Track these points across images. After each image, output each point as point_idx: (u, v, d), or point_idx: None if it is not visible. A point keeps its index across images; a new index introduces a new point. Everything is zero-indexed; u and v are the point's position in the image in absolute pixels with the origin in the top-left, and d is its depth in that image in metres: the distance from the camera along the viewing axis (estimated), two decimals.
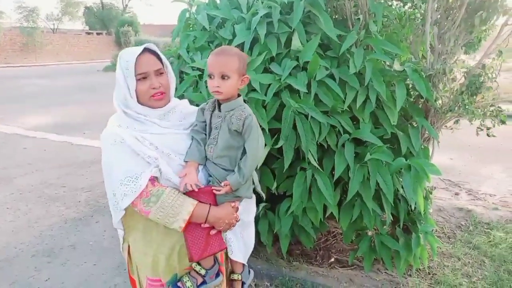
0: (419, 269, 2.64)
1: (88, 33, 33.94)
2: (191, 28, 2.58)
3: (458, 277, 2.58)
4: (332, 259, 2.79)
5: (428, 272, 2.62)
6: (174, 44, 2.65)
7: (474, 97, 2.27)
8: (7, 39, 25.24)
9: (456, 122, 2.40)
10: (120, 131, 1.27)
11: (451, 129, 2.47)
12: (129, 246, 1.44)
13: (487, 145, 5.47)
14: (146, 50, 1.31)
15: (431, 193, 2.68)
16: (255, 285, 2.46)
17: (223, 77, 1.27)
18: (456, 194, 4.12)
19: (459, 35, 2.14)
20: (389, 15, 2.16)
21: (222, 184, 1.31)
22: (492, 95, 2.35)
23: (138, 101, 1.32)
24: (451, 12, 2.10)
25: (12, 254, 2.88)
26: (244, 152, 1.34)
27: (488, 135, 2.41)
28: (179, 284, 1.35)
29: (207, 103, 1.40)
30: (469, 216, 3.48)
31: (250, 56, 2.06)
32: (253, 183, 1.47)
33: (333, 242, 3.02)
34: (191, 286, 1.33)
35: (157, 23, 40.47)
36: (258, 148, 1.34)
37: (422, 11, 2.14)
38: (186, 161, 1.34)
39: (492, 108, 2.36)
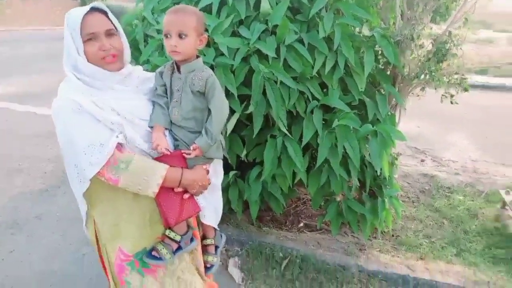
0: (384, 231, 2.76)
1: None
2: None
3: (420, 238, 2.72)
4: (301, 224, 2.87)
5: (392, 235, 2.75)
6: (138, 7, 2.51)
7: (440, 64, 2.31)
8: None
9: (423, 89, 2.44)
10: (76, 98, 1.18)
11: (418, 96, 2.51)
12: (94, 222, 1.37)
13: (453, 114, 5.65)
14: (94, 9, 1.23)
15: (396, 159, 2.75)
16: (226, 250, 2.50)
17: (180, 35, 1.23)
18: (422, 160, 4.27)
19: (428, 1, 2.13)
20: None
21: (191, 147, 1.29)
22: (457, 63, 2.40)
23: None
24: None
25: None
26: (209, 113, 1.32)
27: (451, 102, 2.47)
28: (153, 253, 1.33)
29: (164, 66, 1.35)
30: (432, 181, 3.64)
31: (218, 19, 1.99)
32: (221, 144, 1.45)
33: (303, 208, 3.09)
34: (167, 253, 1.32)
35: None
36: (223, 107, 1.33)
37: None
38: (151, 127, 1.30)
39: (456, 76, 2.41)
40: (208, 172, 1.37)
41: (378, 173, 2.33)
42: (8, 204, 3.11)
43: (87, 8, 1.20)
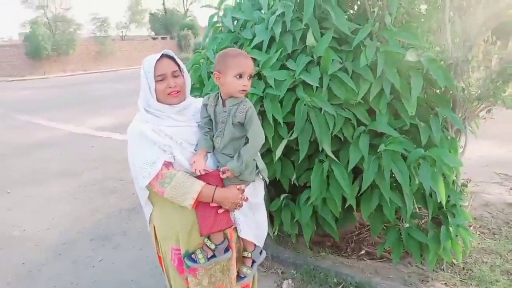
0: (453, 264, 2.56)
1: (154, 38, 36.02)
2: (220, 30, 2.76)
3: (496, 274, 2.46)
4: (363, 251, 2.81)
5: (463, 268, 2.54)
6: (204, 46, 2.84)
7: (507, 84, 2.17)
8: (83, 48, 27.81)
9: (488, 111, 2.29)
10: (141, 125, 1.50)
11: (484, 119, 2.36)
12: (154, 226, 1.66)
13: None
14: (164, 56, 1.53)
15: (465, 186, 2.58)
16: (282, 272, 2.58)
17: (249, 77, 1.46)
18: (511, 189, 3.84)
19: (485, 21, 2.05)
20: (405, 6, 2.14)
21: (222, 170, 1.47)
22: None
23: (158, 100, 1.53)
24: None
25: (75, 237, 3.30)
26: (246, 140, 1.49)
27: None
28: (192, 256, 1.55)
29: (208, 98, 1.55)
30: None
31: (267, 54, 2.18)
32: (257, 167, 1.60)
33: (366, 235, 3.02)
34: (202, 258, 1.52)
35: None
36: (258, 136, 1.49)
37: None
38: (196, 150, 1.53)
39: None
40: (242, 191, 1.52)
41: (439, 200, 2.23)
42: (103, 219, 3.63)
43: (159, 55, 1.51)
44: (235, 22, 2.51)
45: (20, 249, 3.14)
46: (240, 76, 1.43)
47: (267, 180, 1.69)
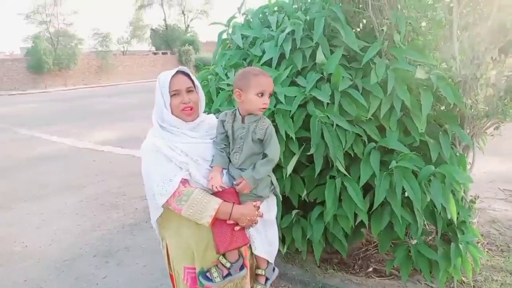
0: (463, 282, 2.53)
1: (155, 53, 36.43)
2: (229, 47, 2.79)
3: None
4: (370, 269, 2.77)
5: (473, 286, 2.51)
6: (214, 62, 2.87)
7: None
8: (85, 62, 28.10)
9: (496, 128, 2.30)
10: (156, 142, 1.50)
11: (492, 135, 2.37)
12: (166, 244, 1.64)
13: None
14: (179, 72, 1.55)
15: (474, 202, 2.57)
16: None
17: (270, 95, 1.49)
18: None
19: (492, 39, 2.08)
20: (413, 24, 2.17)
21: (238, 180, 1.48)
22: None
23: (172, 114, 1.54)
24: (482, 15, 2.05)
25: (78, 253, 3.26)
26: (263, 156, 1.52)
27: None
28: (207, 274, 1.53)
29: (226, 115, 1.56)
30: None
31: (277, 71, 2.20)
32: (272, 184, 1.60)
33: (373, 252, 2.99)
34: (217, 276, 1.51)
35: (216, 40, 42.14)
36: (276, 152, 1.52)
37: (450, 17, 2.12)
38: (212, 166, 1.53)
39: None
40: (258, 208, 1.51)
41: (449, 217, 2.22)
42: (106, 235, 3.59)
43: (174, 71, 1.54)
44: (244, 39, 2.54)
45: (22, 266, 3.10)
46: (262, 94, 1.46)
47: (280, 196, 1.69)
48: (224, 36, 2.72)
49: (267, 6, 2.62)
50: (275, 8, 2.64)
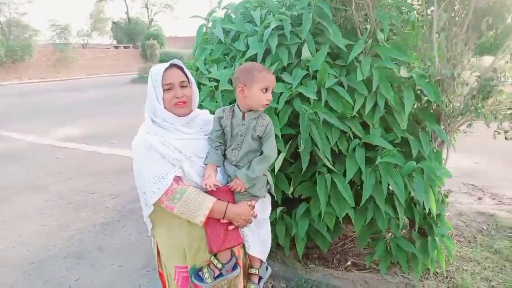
0: (437, 272, 2.64)
1: (116, 47, 35.18)
2: (208, 41, 2.73)
3: (477, 281, 2.57)
4: (349, 263, 2.83)
5: (446, 276, 2.62)
6: (194, 57, 2.80)
7: (486, 100, 2.30)
8: (41, 55, 26.62)
9: (469, 125, 2.42)
10: (149, 138, 1.44)
11: (465, 132, 2.48)
12: (157, 243, 1.60)
13: None
14: (173, 65, 1.49)
15: (446, 196, 2.69)
16: (272, 286, 2.54)
17: (272, 91, 1.47)
18: (479, 198, 4.06)
19: (468, 40, 2.17)
20: (396, 24, 2.22)
21: (234, 180, 1.45)
22: (509, 98, 2.36)
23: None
24: (458, 18, 2.14)
25: (46, 255, 3.08)
26: (260, 153, 1.49)
27: (506, 138, 2.42)
28: (200, 273, 1.49)
29: (223, 111, 1.52)
30: (491, 220, 3.44)
31: None
32: (268, 183, 1.58)
33: (350, 246, 3.06)
34: (208, 277, 1.47)
35: (181, 35, 41.49)
36: (274, 151, 1.50)
37: (429, 18, 2.19)
38: (206, 164, 1.48)
39: (510, 112, 2.37)
40: (253, 207, 1.49)
41: (427, 211, 2.30)
42: (76, 235, 3.42)
43: (167, 64, 1.48)
44: (225, 34, 2.49)
45: None
46: (266, 90, 1.44)
47: (275, 196, 1.67)
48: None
49: (249, 1, 2.58)
50: (255, 4, 2.62)
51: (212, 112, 1.64)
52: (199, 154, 1.48)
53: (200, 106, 2.36)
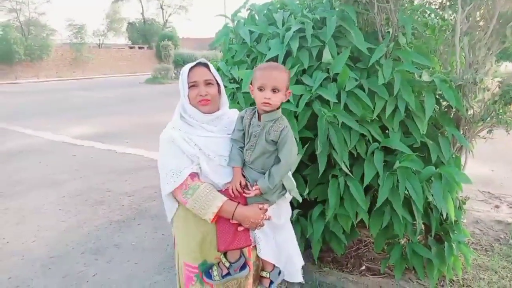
0: (453, 280, 2.62)
1: (131, 47, 35.64)
2: (231, 42, 2.75)
3: None
4: (363, 267, 2.82)
5: (462, 284, 2.59)
6: (224, 57, 2.80)
7: (508, 106, 2.27)
8: (58, 54, 27.15)
9: (489, 131, 2.39)
10: (173, 132, 1.50)
11: (484, 138, 2.46)
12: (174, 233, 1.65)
13: None
14: (199, 64, 1.54)
15: (464, 203, 2.66)
16: (286, 287, 2.55)
17: (273, 90, 1.40)
18: (496, 206, 4.00)
19: (491, 45, 2.16)
20: (418, 28, 2.22)
21: (253, 188, 1.45)
22: None
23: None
24: (482, 22, 2.13)
25: (64, 250, 3.14)
26: (276, 158, 1.47)
27: None
28: (210, 271, 1.52)
29: (246, 111, 1.54)
30: (509, 229, 3.38)
31: None
32: (284, 188, 1.55)
33: (365, 250, 3.05)
34: (217, 275, 1.50)
35: (194, 37, 41.88)
36: (291, 158, 1.47)
37: (452, 23, 2.18)
38: (232, 166, 1.50)
39: None
40: (265, 211, 1.49)
41: (444, 217, 2.29)
42: (92, 232, 3.48)
43: (194, 63, 1.54)
44: (249, 35, 2.51)
45: (5, 263, 2.96)
46: (262, 88, 1.40)
47: (300, 199, 1.68)
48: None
49: (272, 3, 2.61)
50: (278, 5, 2.64)
51: None
52: (218, 152, 1.51)
53: None
